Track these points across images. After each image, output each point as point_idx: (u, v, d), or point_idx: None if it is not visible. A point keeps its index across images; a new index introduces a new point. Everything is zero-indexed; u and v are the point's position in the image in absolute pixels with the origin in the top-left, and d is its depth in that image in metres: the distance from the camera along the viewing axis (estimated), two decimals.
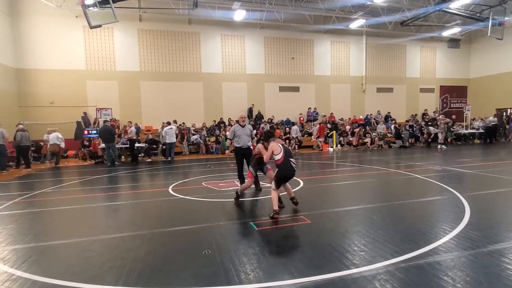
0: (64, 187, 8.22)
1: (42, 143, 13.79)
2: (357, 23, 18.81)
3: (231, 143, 7.19)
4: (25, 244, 4.06)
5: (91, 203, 6.58)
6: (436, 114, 22.53)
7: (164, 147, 14.22)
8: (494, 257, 3.27)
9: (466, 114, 19.74)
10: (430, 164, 10.29)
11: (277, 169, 4.98)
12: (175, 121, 15.69)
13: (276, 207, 4.85)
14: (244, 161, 7.03)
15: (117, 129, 14.58)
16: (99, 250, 3.78)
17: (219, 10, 16.73)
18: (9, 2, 14.90)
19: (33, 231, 4.67)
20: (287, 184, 5.31)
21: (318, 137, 17.30)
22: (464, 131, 19.11)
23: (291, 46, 19.90)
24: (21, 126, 12.40)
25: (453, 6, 15.74)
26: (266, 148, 5.31)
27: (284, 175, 4.94)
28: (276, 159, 4.94)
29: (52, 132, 12.88)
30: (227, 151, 15.37)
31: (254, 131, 7.76)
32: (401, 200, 5.89)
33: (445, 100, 23.59)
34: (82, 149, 14.43)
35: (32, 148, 13.30)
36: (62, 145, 12.90)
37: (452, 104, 23.61)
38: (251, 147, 7.01)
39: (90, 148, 14.19)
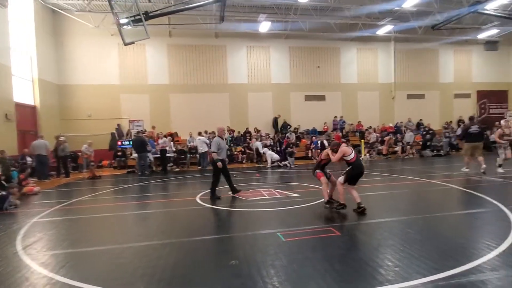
0: (98, 196, 8.61)
1: (79, 154, 14.62)
2: (384, 29, 18.38)
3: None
4: (63, 250, 4.28)
5: (123, 211, 6.82)
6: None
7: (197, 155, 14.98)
8: None
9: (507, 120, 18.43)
10: (469, 174, 9.65)
11: (350, 167, 5.68)
12: (206, 132, 16.05)
13: (343, 201, 5.61)
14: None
15: (151, 139, 15.11)
16: (131, 258, 3.89)
17: (244, 23, 17.07)
18: (52, 24, 16.18)
19: (70, 237, 4.92)
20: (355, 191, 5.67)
21: None
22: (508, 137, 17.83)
23: (316, 55, 19.80)
24: (63, 138, 13.26)
25: (489, 7, 14.90)
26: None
27: (358, 171, 5.66)
28: (349, 159, 5.64)
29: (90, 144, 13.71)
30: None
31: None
32: (438, 213, 5.55)
33: (483, 105, 22.23)
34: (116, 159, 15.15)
35: (69, 159, 14.07)
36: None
37: (491, 110, 22.20)
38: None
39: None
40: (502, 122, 9.72)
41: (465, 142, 9.89)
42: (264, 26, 16.87)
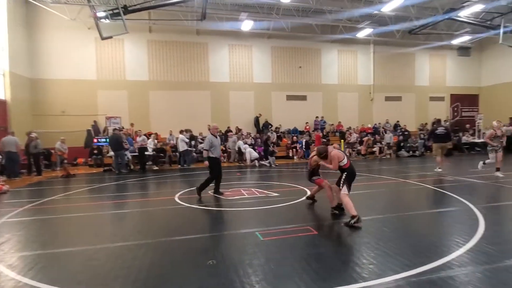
0: (72, 195, 8.30)
1: (52, 151, 14.02)
2: (364, 32, 18.81)
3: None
4: (32, 251, 4.09)
5: (97, 211, 6.60)
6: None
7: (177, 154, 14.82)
8: None
9: (478, 123, 19.40)
10: (441, 174, 10.05)
11: (345, 174, 5.09)
12: (187, 130, 15.82)
13: (355, 213, 4.74)
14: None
15: (129, 136, 14.73)
16: (105, 259, 3.78)
17: (226, 21, 16.96)
18: (26, 16, 15.40)
19: (41, 238, 4.71)
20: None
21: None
22: (477, 140, 18.76)
23: (298, 55, 19.99)
24: (34, 134, 12.67)
25: (462, 14, 15.59)
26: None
27: (354, 176, 5.20)
28: (342, 165, 5.08)
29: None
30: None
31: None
32: (412, 211, 5.75)
33: (456, 108, 23.25)
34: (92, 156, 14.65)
35: (41, 157, 13.47)
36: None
37: (463, 113, 23.27)
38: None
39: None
40: (494, 123, 9.96)
41: (433, 143, 10.69)
42: (247, 24, 16.82)
